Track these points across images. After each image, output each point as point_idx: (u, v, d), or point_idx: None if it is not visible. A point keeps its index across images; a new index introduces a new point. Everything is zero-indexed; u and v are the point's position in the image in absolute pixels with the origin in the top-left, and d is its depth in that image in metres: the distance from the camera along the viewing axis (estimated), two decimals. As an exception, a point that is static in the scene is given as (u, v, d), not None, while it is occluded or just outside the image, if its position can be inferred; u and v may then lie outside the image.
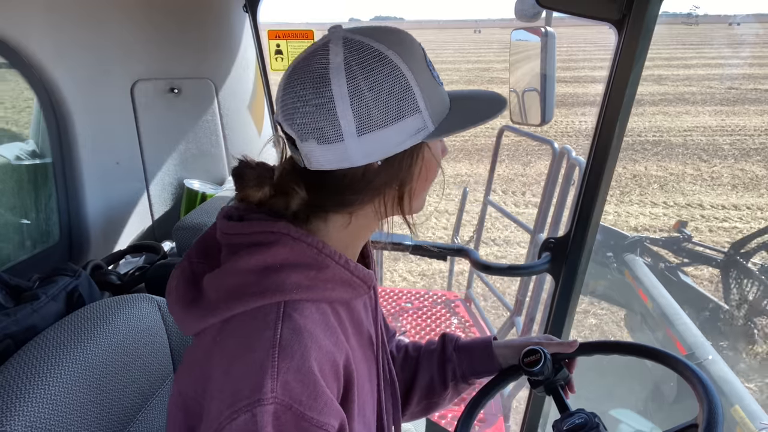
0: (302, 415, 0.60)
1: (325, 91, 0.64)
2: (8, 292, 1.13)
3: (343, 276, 0.71)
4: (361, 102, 0.64)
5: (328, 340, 0.67)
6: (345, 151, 0.66)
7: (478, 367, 1.02)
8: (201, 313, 0.69)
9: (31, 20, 1.44)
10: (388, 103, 0.65)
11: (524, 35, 1.44)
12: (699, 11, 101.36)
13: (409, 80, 0.66)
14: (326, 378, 0.64)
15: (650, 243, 4.68)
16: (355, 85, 0.64)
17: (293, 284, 0.67)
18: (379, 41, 0.66)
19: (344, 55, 0.64)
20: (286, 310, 0.65)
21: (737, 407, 2.70)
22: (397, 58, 0.65)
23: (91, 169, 1.67)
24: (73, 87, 1.57)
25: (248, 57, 2.10)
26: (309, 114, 0.65)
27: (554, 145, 2.65)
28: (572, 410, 0.90)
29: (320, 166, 0.68)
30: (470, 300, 3.36)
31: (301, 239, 0.69)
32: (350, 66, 0.64)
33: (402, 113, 0.66)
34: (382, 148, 0.67)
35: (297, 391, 0.60)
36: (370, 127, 0.65)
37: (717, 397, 0.77)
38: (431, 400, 1.04)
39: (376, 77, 0.64)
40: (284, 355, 0.61)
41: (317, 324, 0.67)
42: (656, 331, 3.80)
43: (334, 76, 0.64)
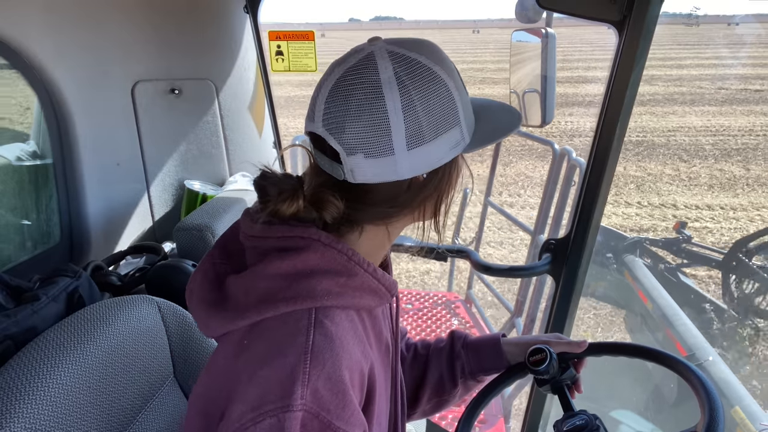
0: (329, 423, 0.60)
1: (378, 104, 0.64)
2: (9, 292, 1.13)
3: (370, 284, 0.71)
4: (414, 116, 0.65)
5: (357, 349, 0.67)
6: (394, 164, 0.66)
7: (486, 364, 1.02)
8: (228, 316, 0.68)
9: (32, 21, 1.44)
10: (437, 117, 0.67)
11: (525, 36, 1.44)
12: (699, 12, 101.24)
13: (453, 94, 0.68)
14: (354, 387, 0.64)
15: (650, 244, 4.68)
16: (408, 99, 0.65)
17: (324, 290, 0.66)
18: (423, 55, 0.67)
19: (393, 68, 0.65)
20: (318, 317, 0.65)
21: (737, 408, 2.70)
22: (443, 73, 0.67)
23: (92, 169, 1.67)
24: (73, 88, 1.57)
25: (249, 58, 2.10)
26: (360, 128, 0.65)
27: (555, 146, 2.65)
28: (575, 411, 0.90)
29: (365, 179, 0.68)
30: (471, 301, 3.35)
31: (331, 246, 0.68)
32: (402, 80, 0.65)
33: (447, 127, 0.68)
34: (428, 162, 0.68)
35: (326, 399, 0.60)
36: (419, 141, 0.66)
37: (721, 408, 0.77)
38: (441, 397, 1.04)
39: (426, 92, 0.66)
40: (316, 362, 0.61)
41: (347, 332, 0.67)
42: (656, 332, 3.79)
43: (388, 91, 0.64)
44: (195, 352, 1.15)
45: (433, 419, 2.28)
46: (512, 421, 2.49)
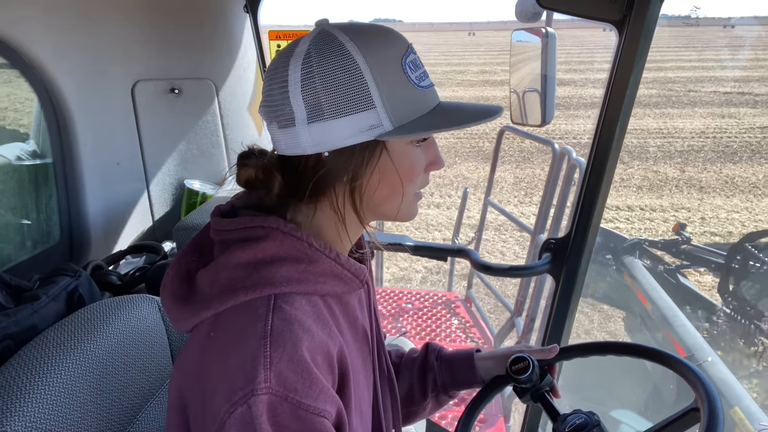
0: (299, 403, 0.60)
1: (282, 74, 0.67)
2: (9, 292, 1.13)
3: (334, 270, 0.72)
4: (312, 89, 0.65)
5: (320, 330, 0.67)
6: (296, 137, 0.68)
7: (458, 378, 1.02)
8: (194, 309, 0.69)
9: (32, 21, 1.44)
10: (338, 95, 0.65)
11: (525, 36, 1.44)
12: (699, 12, 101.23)
13: (365, 74, 0.65)
14: (319, 367, 0.64)
15: (649, 245, 4.69)
16: (308, 72, 0.65)
17: (283, 277, 0.67)
18: (349, 35, 0.67)
19: (309, 44, 0.67)
20: (277, 302, 0.66)
21: (737, 409, 2.70)
22: (356, 52, 0.65)
23: (92, 169, 1.67)
24: (73, 87, 1.57)
25: (249, 57, 2.10)
26: (271, 97, 0.69)
27: (555, 146, 2.65)
28: (567, 412, 0.90)
29: (281, 150, 0.72)
30: (470, 300, 3.36)
31: (290, 233, 0.69)
32: (309, 54, 0.66)
33: (353, 107, 0.66)
34: (330, 140, 0.67)
35: (291, 379, 0.60)
36: (319, 116, 0.66)
37: (712, 388, 0.78)
38: (410, 408, 1.04)
39: (327, 67, 0.65)
40: (276, 345, 0.61)
41: (308, 315, 0.67)
42: (655, 332, 3.80)
43: (293, 62, 0.66)
44: (195, 352, 1.15)
45: (433, 419, 2.28)
46: (512, 421, 2.49)
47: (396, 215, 0.77)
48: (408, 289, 3.57)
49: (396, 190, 0.73)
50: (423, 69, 0.72)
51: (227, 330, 0.66)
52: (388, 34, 0.70)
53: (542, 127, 1.45)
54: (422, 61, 0.74)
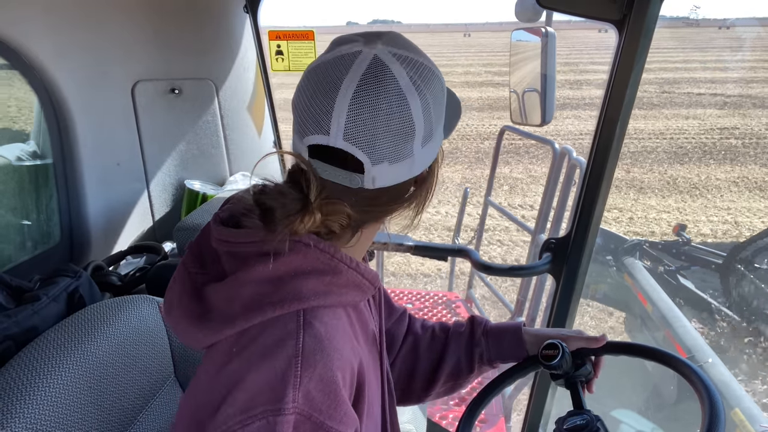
0: (322, 424, 0.60)
1: (405, 112, 0.64)
2: (9, 293, 1.13)
3: (355, 279, 0.71)
4: (429, 117, 0.67)
5: (346, 347, 0.67)
6: (412, 165, 0.68)
7: (505, 352, 1.02)
8: (214, 326, 0.67)
9: (32, 21, 1.44)
10: (440, 113, 0.70)
11: (524, 36, 1.44)
12: (699, 12, 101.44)
13: (443, 87, 0.70)
14: (345, 385, 0.64)
15: (649, 247, 4.69)
16: (425, 103, 0.66)
17: (310, 291, 0.66)
18: (419, 55, 0.69)
19: (407, 73, 0.65)
20: (306, 318, 0.65)
21: (737, 410, 2.70)
22: (435, 69, 0.70)
23: (92, 169, 1.67)
24: (73, 88, 1.57)
25: (249, 58, 2.10)
26: (391, 138, 0.64)
27: (555, 146, 2.65)
28: (583, 409, 0.90)
29: (384, 184, 0.67)
30: (471, 300, 3.36)
31: (313, 245, 0.67)
32: (418, 85, 0.66)
33: (442, 118, 0.71)
34: (433, 155, 0.71)
35: (318, 400, 0.60)
36: (430, 138, 0.68)
37: (722, 413, 0.77)
38: (456, 381, 1.04)
39: (436, 93, 0.68)
40: (307, 364, 0.61)
41: (337, 331, 0.67)
42: (655, 333, 3.80)
43: (411, 99, 0.64)
44: (196, 352, 1.15)
45: (434, 419, 2.28)
46: (513, 421, 2.49)
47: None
48: (408, 289, 3.57)
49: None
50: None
51: (254, 346, 0.64)
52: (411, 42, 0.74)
53: (541, 127, 1.45)
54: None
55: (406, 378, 1.05)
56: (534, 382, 1.54)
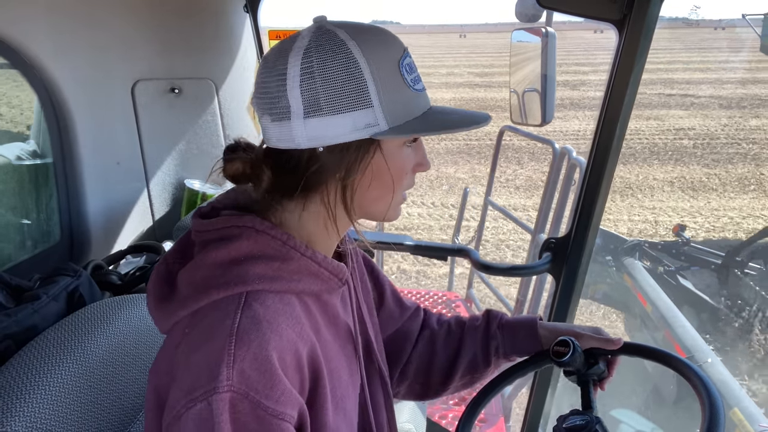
0: (258, 403, 0.61)
1: (281, 68, 0.67)
2: (9, 292, 1.13)
3: (310, 268, 0.72)
4: (311, 84, 0.66)
5: (290, 330, 0.67)
6: (291, 131, 0.68)
7: (521, 345, 1.02)
8: (172, 308, 0.70)
9: (32, 20, 1.44)
10: (337, 91, 0.66)
11: (525, 36, 1.44)
12: (698, 12, 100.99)
13: (365, 74, 0.67)
14: (286, 368, 0.64)
15: (649, 247, 4.69)
16: (308, 66, 0.66)
17: (256, 275, 0.68)
18: (349, 34, 0.67)
19: (309, 39, 0.67)
20: (247, 300, 0.66)
21: (736, 410, 2.71)
22: (357, 51, 0.66)
23: (92, 169, 1.67)
24: (73, 87, 1.57)
25: (249, 57, 2.10)
26: (266, 89, 0.69)
27: (555, 146, 2.65)
28: (589, 409, 0.89)
29: (272, 144, 0.71)
30: (471, 300, 3.36)
31: (265, 231, 0.70)
32: (309, 48, 0.67)
33: (351, 105, 0.67)
34: (326, 135, 0.68)
35: (253, 379, 0.61)
36: (316, 111, 0.67)
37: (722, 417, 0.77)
38: (474, 375, 1.05)
39: (328, 63, 0.66)
40: (241, 343, 0.62)
41: (279, 314, 0.67)
42: (655, 333, 3.80)
43: (292, 56, 0.67)
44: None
45: (434, 418, 2.28)
46: (512, 421, 2.50)
47: (384, 215, 0.78)
48: (408, 289, 3.57)
49: (387, 190, 0.74)
50: (417, 73, 0.73)
51: (198, 327, 0.67)
52: (386, 35, 0.71)
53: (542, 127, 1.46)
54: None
55: (424, 372, 1.05)
56: (534, 382, 1.54)
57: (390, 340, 1.04)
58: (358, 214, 0.76)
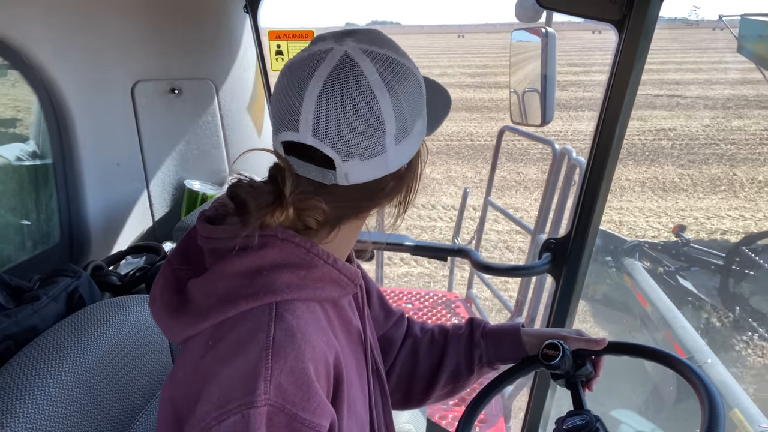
0: (295, 416, 0.60)
1: (373, 109, 0.65)
2: (9, 292, 1.13)
3: (332, 275, 0.72)
4: (401, 114, 0.67)
5: (320, 340, 0.67)
6: (386, 161, 0.68)
7: (505, 353, 1.02)
8: (191, 320, 0.68)
9: (32, 21, 1.44)
10: (416, 110, 0.70)
11: (524, 36, 1.45)
12: (698, 13, 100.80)
13: (422, 85, 0.70)
14: (319, 378, 0.64)
15: (649, 248, 4.69)
16: (396, 99, 0.67)
17: (284, 284, 0.67)
18: (392, 51, 0.69)
19: (377, 70, 0.66)
20: (278, 311, 0.65)
21: (736, 410, 2.71)
22: (413, 67, 0.70)
23: (92, 169, 1.67)
24: (73, 88, 1.57)
25: (249, 58, 2.10)
26: (358, 134, 0.65)
27: (555, 146, 2.65)
28: (583, 409, 0.90)
29: (358, 180, 0.68)
30: (471, 300, 3.36)
31: (288, 239, 0.68)
32: (388, 81, 0.66)
33: (420, 116, 0.71)
34: (411, 151, 0.71)
35: (290, 392, 0.61)
36: (405, 135, 0.69)
37: (722, 414, 0.77)
38: (456, 383, 1.05)
39: (409, 90, 0.68)
40: (278, 356, 0.61)
41: (309, 324, 0.67)
42: (655, 334, 3.80)
43: (380, 95, 0.65)
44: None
45: (433, 419, 2.28)
46: (512, 421, 2.49)
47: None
48: (408, 289, 3.57)
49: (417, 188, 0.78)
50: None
51: (228, 339, 0.65)
52: (391, 40, 0.73)
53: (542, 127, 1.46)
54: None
55: (406, 381, 1.05)
56: (534, 382, 1.54)
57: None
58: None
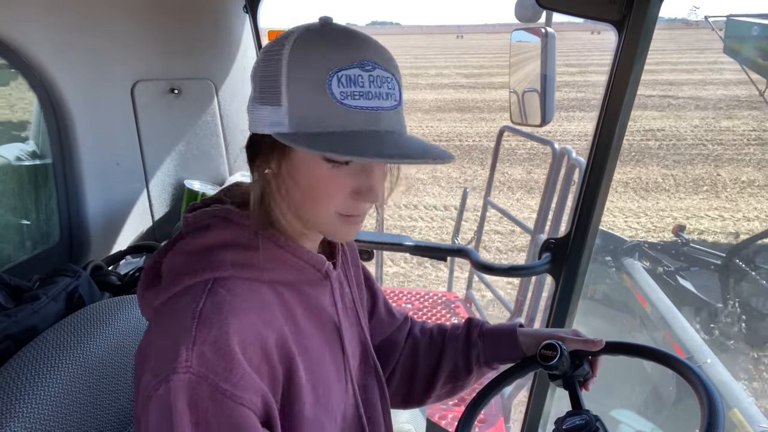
0: (217, 386, 0.62)
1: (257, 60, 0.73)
2: (9, 292, 1.13)
3: (283, 258, 0.74)
4: (255, 74, 0.71)
5: (255, 317, 0.68)
6: (251, 116, 0.72)
7: (502, 353, 1.03)
8: (151, 295, 0.73)
9: (32, 21, 1.44)
10: (264, 86, 0.69)
11: (524, 36, 1.45)
12: (698, 13, 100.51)
13: (281, 75, 0.67)
14: (247, 353, 0.65)
15: (649, 248, 4.69)
16: (261, 58, 0.71)
17: (227, 263, 0.70)
18: (303, 35, 0.68)
19: (295, 38, 0.69)
20: (215, 286, 0.68)
21: (736, 410, 2.71)
22: (287, 50, 0.67)
23: (92, 169, 1.67)
24: (73, 88, 1.57)
25: (249, 58, 2.10)
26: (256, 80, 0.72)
27: (554, 146, 2.65)
28: (581, 409, 0.90)
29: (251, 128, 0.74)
30: (470, 300, 3.36)
31: (236, 222, 0.73)
32: (265, 48, 0.71)
33: (269, 101, 0.68)
34: (256, 123, 0.71)
35: (212, 362, 0.62)
36: (258, 101, 0.70)
37: (722, 414, 0.77)
38: (456, 383, 1.06)
39: (267, 57, 0.69)
40: (202, 326, 0.63)
41: (245, 300, 0.69)
42: (655, 334, 3.80)
43: (262, 52, 0.72)
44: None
45: (433, 419, 2.28)
46: (512, 421, 2.49)
47: (319, 229, 0.75)
48: (408, 289, 3.57)
49: (306, 201, 0.72)
50: (366, 89, 0.66)
51: (168, 312, 0.69)
52: (345, 44, 0.67)
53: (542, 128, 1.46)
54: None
55: (407, 381, 1.06)
56: (533, 382, 1.54)
57: (378, 348, 1.05)
58: (295, 216, 0.74)
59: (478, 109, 15.46)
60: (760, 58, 5.47)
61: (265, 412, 0.67)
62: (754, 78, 5.83)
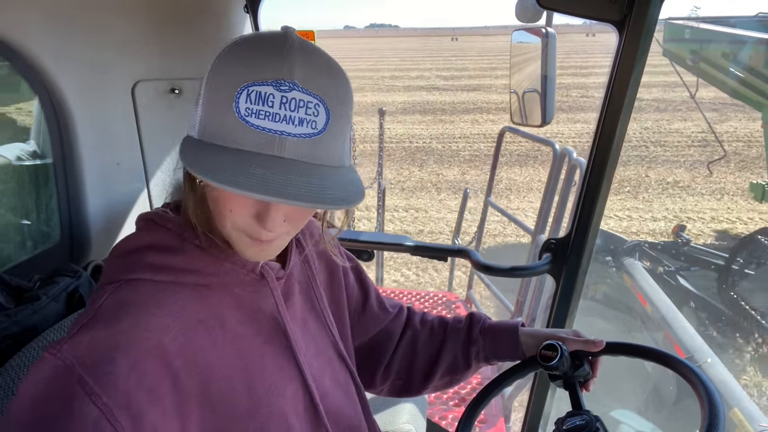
0: (81, 379, 0.58)
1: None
2: (9, 292, 1.13)
3: (207, 260, 0.73)
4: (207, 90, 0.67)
5: (156, 320, 0.66)
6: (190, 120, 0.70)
7: (501, 351, 1.04)
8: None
9: (32, 21, 1.44)
10: (199, 87, 0.67)
11: (524, 36, 1.45)
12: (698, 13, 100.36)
13: (204, 78, 0.66)
14: (137, 357, 0.62)
15: (649, 247, 4.69)
16: (210, 76, 0.66)
17: (144, 264, 0.70)
18: (247, 43, 0.66)
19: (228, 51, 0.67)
20: (121, 287, 0.68)
21: (736, 410, 2.71)
22: (214, 59, 0.67)
23: (92, 169, 1.67)
24: (73, 87, 1.57)
25: (249, 58, 2.10)
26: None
27: (555, 147, 2.65)
28: (581, 410, 0.90)
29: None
30: (471, 301, 3.36)
31: (161, 225, 0.73)
32: (220, 60, 0.67)
33: (195, 100, 0.68)
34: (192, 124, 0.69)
35: (85, 354, 0.60)
36: (197, 103, 0.69)
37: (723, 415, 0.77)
38: (454, 376, 1.07)
39: (214, 67, 0.66)
40: (93, 322, 0.64)
41: (148, 301, 0.68)
42: (655, 334, 3.80)
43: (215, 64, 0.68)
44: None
45: (434, 419, 2.28)
46: (512, 421, 2.50)
47: (231, 243, 0.72)
48: (408, 290, 3.57)
49: (214, 212, 0.70)
50: (274, 110, 0.61)
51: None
52: (268, 60, 0.62)
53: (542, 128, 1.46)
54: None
55: (406, 371, 1.07)
56: (534, 382, 1.54)
57: (374, 339, 1.06)
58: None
59: (441, 111, 15.55)
60: (690, 61, 5.60)
61: (135, 422, 0.60)
62: (689, 81, 5.89)
